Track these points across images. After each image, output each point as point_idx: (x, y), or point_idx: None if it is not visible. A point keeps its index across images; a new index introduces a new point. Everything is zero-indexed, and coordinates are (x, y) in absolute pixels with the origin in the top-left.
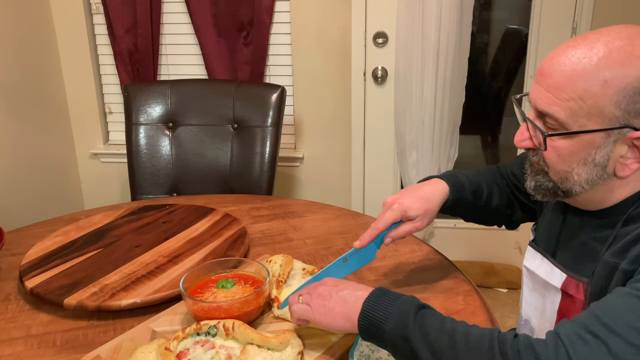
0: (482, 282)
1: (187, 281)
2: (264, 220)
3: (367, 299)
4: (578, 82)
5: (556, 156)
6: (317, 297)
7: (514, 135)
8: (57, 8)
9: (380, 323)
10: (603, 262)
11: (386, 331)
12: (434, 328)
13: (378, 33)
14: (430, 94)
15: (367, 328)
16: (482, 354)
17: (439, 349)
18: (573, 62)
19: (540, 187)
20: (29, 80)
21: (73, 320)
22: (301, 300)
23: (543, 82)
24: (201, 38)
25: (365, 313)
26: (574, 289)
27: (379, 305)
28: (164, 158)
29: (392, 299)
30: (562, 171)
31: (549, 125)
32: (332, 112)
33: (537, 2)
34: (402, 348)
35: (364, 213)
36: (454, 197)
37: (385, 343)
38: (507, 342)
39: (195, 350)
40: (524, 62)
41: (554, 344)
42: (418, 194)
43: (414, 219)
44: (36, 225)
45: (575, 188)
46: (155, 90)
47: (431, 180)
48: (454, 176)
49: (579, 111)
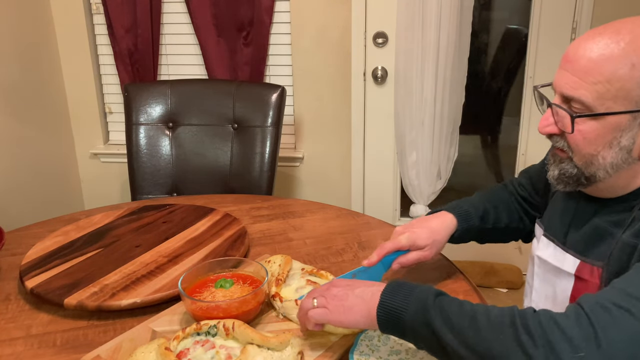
0: (482, 282)
1: (186, 281)
2: (264, 220)
3: (384, 291)
4: (605, 65)
5: (582, 139)
6: (332, 299)
7: (514, 135)
8: (57, 8)
9: (400, 312)
10: (622, 243)
11: (406, 320)
12: (454, 311)
13: (378, 33)
14: (430, 94)
15: (386, 319)
16: (505, 330)
17: (461, 330)
18: (600, 47)
19: (563, 175)
20: (29, 80)
21: (73, 320)
22: (316, 303)
23: (569, 67)
24: (201, 38)
25: (383, 304)
26: (588, 274)
27: (396, 295)
28: (164, 158)
29: (409, 289)
30: (588, 154)
31: (574, 109)
32: (332, 112)
33: (537, 2)
34: (424, 334)
35: (364, 213)
36: (462, 227)
37: (406, 332)
38: (528, 316)
39: (195, 350)
40: (524, 62)
41: (576, 314)
42: (427, 225)
43: (423, 248)
44: (36, 225)
45: (599, 173)
46: (155, 90)
47: (438, 213)
48: (458, 207)
49: (605, 94)
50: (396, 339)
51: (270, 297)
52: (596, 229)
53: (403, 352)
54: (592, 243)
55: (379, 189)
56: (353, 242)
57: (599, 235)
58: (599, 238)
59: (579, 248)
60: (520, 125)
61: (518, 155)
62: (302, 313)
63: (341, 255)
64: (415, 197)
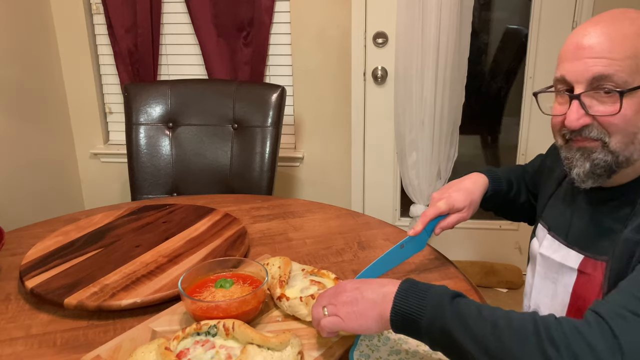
0: (482, 282)
1: (186, 281)
2: (264, 220)
3: (397, 293)
4: (626, 43)
5: (623, 118)
6: (343, 305)
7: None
8: (57, 8)
9: (415, 317)
10: (624, 239)
11: (423, 325)
12: (473, 316)
13: (378, 33)
14: (430, 94)
15: (401, 324)
16: (529, 339)
17: (482, 337)
18: (616, 28)
19: (596, 167)
20: (29, 80)
21: (73, 320)
22: (327, 312)
23: (588, 53)
24: (201, 38)
25: (397, 309)
26: (592, 268)
27: (410, 298)
28: (164, 158)
29: (423, 291)
30: (629, 134)
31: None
32: (332, 112)
33: (537, 2)
34: (441, 340)
35: (364, 213)
36: (493, 188)
37: (422, 336)
38: (551, 325)
39: (195, 350)
40: (524, 62)
41: (597, 323)
42: (462, 186)
43: (461, 210)
44: (36, 225)
45: (635, 153)
46: (155, 90)
47: (471, 174)
48: (490, 170)
49: (636, 68)
50: (396, 339)
51: (275, 299)
52: (598, 224)
53: (403, 352)
54: (595, 238)
55: (379, 189)
56: (353, 242)
57: (602, 230)
58: (601, 233)
59: (582, 243)
60: (520, 125)
61: (518, 155)
62: (315, 323)
63: (341, 255)
64: (415, 197)
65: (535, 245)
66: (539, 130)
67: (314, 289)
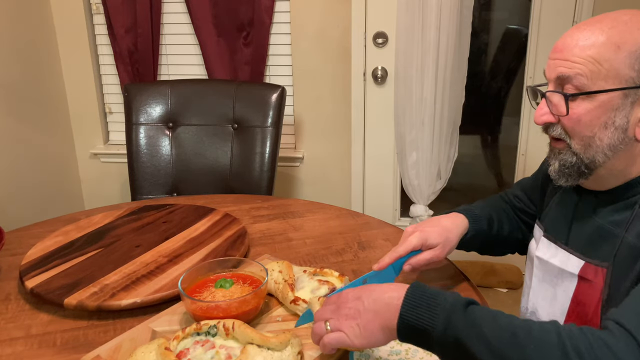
0: (482, 282)
1: (186, 281)
2: (264, 220)
3: (404, 303)
4: (593, 49)
5: (577, 121)
6: (345, 319)
7: (514, 135)
8: (57, 8)
9: (426, 328)
10: (626, 245)
11: (434, 337)
12: (489, 326)
13: (378, 33)
14: (430, 94)
15: (409, 335)
16: (553, 351)
17: (500, 349)
18: (586, 35)
19: (564, 167)
20: (29, 80)
21: (73, 320)
22: (329, 327)
23: (560, 55)
24: (201, 38)
25: (405, 320)
26: (593, 274)
27: (419, 308)
28: (164, 158)
29: (432, 298)
30: (585, 137)
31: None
32: (332, 112)
33: (537, 2)
34: (455, 351)
35: (364, 213)
36: (473, 229)
37: (433, 348)
38: (575, 336)
39: (195, 350)
40: (524, 62)
41: (622, 334)
42: (437, 223)
43: (434, 247)
44: (36, 225)
45: (598, 157)
46: (155, 90)
47: (449, 214)
48: (468, 209)
49: (597, 74)
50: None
51: (289, 303)
52: (598, 229)
53: (403, 352)
54: (596, 243)
55: (378, 189)
56: (353, 242)
57: (602, 236)
58: (601, 238)
59: (582, 249)
60: (520, 125)
61: (518, 155)
62: (317, 339)
63: (341, 255)
64: (415, 197)
65: (533, 247)
66: (539, 130)
67: (324, 289)
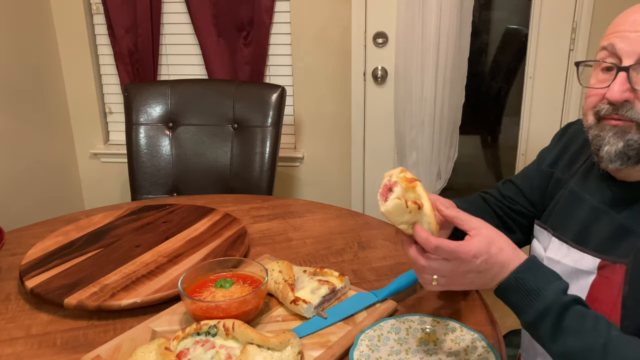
0: None
1: (186, 281)
2: (264, 220)
3: (508, 279)
4: None
5: None
6: (458, 285)
7: (514, 135)
8: (57, 8)
9: (518, 313)
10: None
11: (522, 322)
12: (570, 344)
13: (378, 33)
14: (430, 93)
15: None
16: None
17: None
18: None
19: (630, 148)
20: (29, 80)
21: (73, 320)
22: (437, 282)
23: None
24: (201, 38)
25: (500, 296)
26: (610, 271)
27: (519, 292)
28: (164, 158)
29: (533, 292)
30: None
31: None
32: (332, 112)
33: (537, 2)
34: (536, 339)
35: (363, 213)
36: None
37: (521, 323)
38: None
39: (195, 350)
40: (524, 62)
41: None
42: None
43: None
44: (36, 225)
45: None
46: (155, 90)
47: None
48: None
49: None
50: (396, 339)
51: (289, 303)
52: (617, 226)
53: (403, 352)
54: (614, 241)
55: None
56: (353, 242)
57: (620, 233)
58: (620, 235)
59: (598, 247)
60: (520, 125)
61: (518, 155)
62: (422, 280)
63: (341, 255)
64: None
65: (538, 249)
66: (539, 130)
67: (325, 289)
